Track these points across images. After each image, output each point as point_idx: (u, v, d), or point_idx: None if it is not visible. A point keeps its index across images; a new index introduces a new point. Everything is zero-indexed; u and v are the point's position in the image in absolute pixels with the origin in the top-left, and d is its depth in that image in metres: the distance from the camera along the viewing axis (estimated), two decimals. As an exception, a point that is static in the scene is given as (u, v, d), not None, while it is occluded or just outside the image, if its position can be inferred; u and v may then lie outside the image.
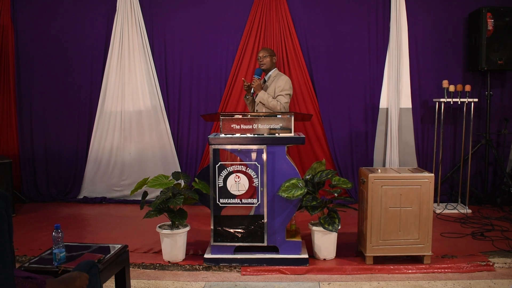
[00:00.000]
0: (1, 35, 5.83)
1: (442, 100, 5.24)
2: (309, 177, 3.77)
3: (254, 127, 3.64)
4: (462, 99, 5.21)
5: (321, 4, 5.67)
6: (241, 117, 3.66)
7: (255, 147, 3.60)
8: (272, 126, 3.64)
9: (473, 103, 5.27)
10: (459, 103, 5.25)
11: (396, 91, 5.62)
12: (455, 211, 5.19)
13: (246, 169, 3.62)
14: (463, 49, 5.66)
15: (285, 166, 3.61)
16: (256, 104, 4.47)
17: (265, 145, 3.58)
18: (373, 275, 3.53)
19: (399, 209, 3.59)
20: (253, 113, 3.72)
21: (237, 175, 3.62)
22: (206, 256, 3.70)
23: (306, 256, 3.67)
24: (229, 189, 3.63)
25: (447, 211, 5.19)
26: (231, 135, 3.64)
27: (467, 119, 5.41)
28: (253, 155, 3.61)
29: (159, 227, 3.79)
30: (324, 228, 3.60)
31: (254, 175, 3.61)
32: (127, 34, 5.74)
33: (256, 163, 3.60)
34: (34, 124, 5.94)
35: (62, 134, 5.92)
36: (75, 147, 5.92)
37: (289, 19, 5.61)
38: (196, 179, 3.75)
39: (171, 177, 3.81)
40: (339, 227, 3.64)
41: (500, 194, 5.48)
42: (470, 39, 5.53)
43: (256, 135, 3.62)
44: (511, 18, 5.25)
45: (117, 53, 5.76)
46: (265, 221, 3.63)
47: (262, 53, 4.57)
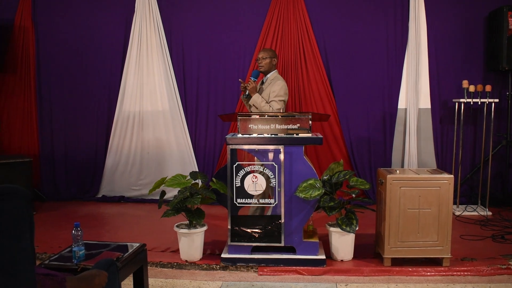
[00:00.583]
0: (22, 36, 5.93)
1: (462, 100, 5.16)
2: (327, 177, 3.75)
3: (271, 127, 3.64)
4: (482, 100, 5.13)
5: (339, 3, 5.64)
6: (258, 117, 3.66)
7: (273, 147, 3.59)
8: (289, 126, 3.63)
9: (493, 104, 5.18)
10: (479, 103, 5.17)
11: (415, 91, 5.57)
12: (475, 213, 5.12)
13: (263, 169, 3.62)
14: (483, 48, 5.58)
15: (302, 166, 3.60)
16: (249, 106, 4.34)
17: (283, 145, 3.58)
18: (391, 277, 3.49)
19: (417, 211, 3.55)
20: (270, 113, 3.72)
21: (254, 175, 3.63)
22: (223, 255, 3.71)
23: (323, 257, 3.65)
24: (246, 189, 3.64)
25: (466, 213, 5.12)
26: (248, 135, 3.64)
27: (487, 120, 5.32)
28: (271, 155, 3.61)
29: (177, 226, 3.82)
30: (341, 229, 3.58)
31: (271, 175, 3.61)
32: (146, 35, 5.79)
33: (273, 163, 3.60)
34: (54, 124, 6.03)
35: (81, 134, 6.01)
36: (94, 146, 6.00)
37: (306, 19, 5.60)
38: (213, 179, 3.76)
39: (189, 177, 3.83)
40: (357, 228, 3.61)
41: (521, 196, 5.40)
42: (490, 39, 5.44)
43: (273, 135, 3.62)
44: (533, 17, 5.16)
45: (136, 54, 5.82)
46: (283, 221, 3.62)
47: (261, 54, 4.33)
